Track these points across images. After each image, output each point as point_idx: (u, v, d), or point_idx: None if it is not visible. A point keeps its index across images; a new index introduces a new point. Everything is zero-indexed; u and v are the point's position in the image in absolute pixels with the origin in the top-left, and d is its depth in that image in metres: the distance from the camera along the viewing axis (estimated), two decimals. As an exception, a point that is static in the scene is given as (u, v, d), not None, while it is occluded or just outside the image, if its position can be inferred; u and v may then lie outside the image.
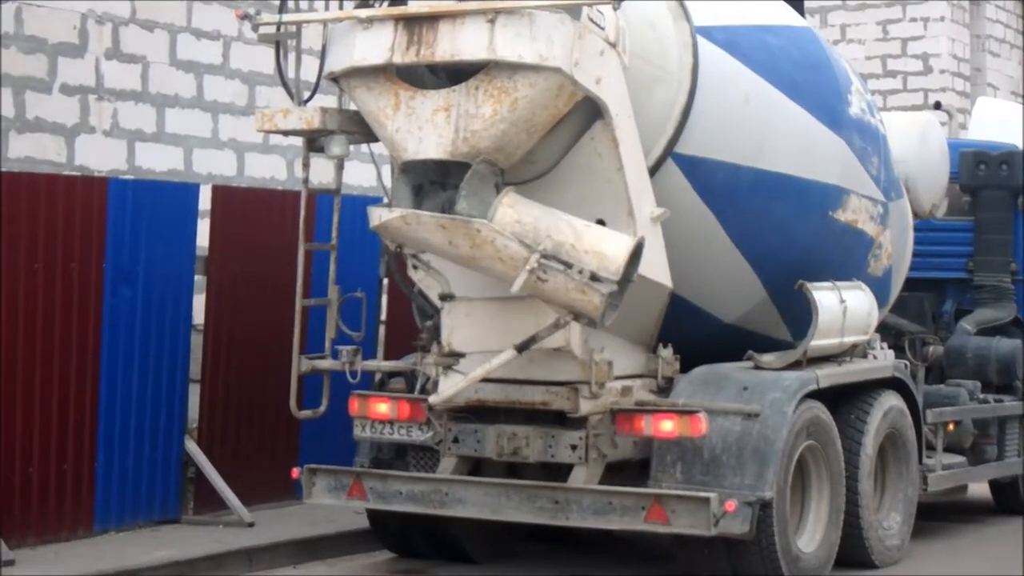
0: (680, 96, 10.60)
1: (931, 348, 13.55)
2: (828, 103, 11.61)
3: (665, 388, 10.79)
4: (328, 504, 11.10)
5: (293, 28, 10.58)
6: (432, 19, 9.59)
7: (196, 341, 12.46)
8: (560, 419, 10.47)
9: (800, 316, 11.30)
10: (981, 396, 13.83)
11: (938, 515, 13.93)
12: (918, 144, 13.54)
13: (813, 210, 11.47)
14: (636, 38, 10.20)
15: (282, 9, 10.59)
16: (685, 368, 10.91)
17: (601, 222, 9.97)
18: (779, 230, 11.26)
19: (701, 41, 10.74)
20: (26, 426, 11.11)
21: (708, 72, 10.70)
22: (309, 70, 10.58)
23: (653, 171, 10.45)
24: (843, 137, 11.64)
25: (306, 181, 10.92)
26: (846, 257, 11.94)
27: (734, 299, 11.30)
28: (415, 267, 10.65)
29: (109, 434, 11.69)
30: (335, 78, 10.14)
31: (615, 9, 9.68)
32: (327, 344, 10.88)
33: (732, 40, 11.03)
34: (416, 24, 9.64)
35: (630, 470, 10.70)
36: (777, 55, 11.36)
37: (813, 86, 11.51)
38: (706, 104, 10.68)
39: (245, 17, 10.60)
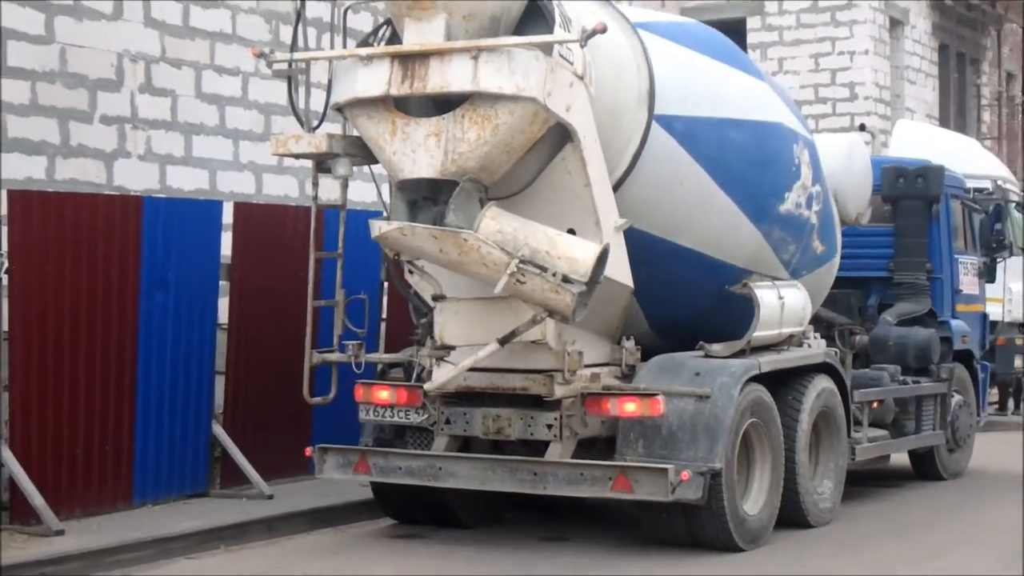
0: (617, 171, 10.57)
1: (858, 337, 13.57)
2: (759, 199, 11.48)
3: (628, 374, 10.81)
4: (337, 478, 11.11)
5: (303, 65, 10.60)
6: (424, 56, 9.61)
7: (221, 338, 12.45)
8: (538, 402, 10.48)
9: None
10: (901, 378, 13.90)
11: (865, 481, 13.99)
12: (846, 161, 13.55)
13: (712, 283, 11.44)
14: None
15: (293, 48, 10.60)
16: (645, 357, 10.96)
17: (572, 231, 9.98)
18: (681, 294, 11.29)
19: (656, 130, 10.68)
20: (72, 413, 11.10)
21: (654, 155, 10.68)
22: (317, 101, 10.60)
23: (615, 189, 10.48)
24: (762, 230, 11.56)
25: (315, 198, 10.94)
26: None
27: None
28: (411, 272, 10.65)
29: (145, 419, 11.68)
30: (340, 108, 10.15)
31: (582, 46, 9.70)
32: (335, 339, 10.89)
33: (690, 132, 10.90)
34: (410, 61, 9.65)
35: (599, 446, 10.72)
36: (729, 150, 11.22)
37: (752, 184, 11.37)
38: (643, 179, 10.67)
39: (261, 55, 10.61)
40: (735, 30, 26.54)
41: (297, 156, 10.72)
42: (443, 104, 9.72)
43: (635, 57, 10.68)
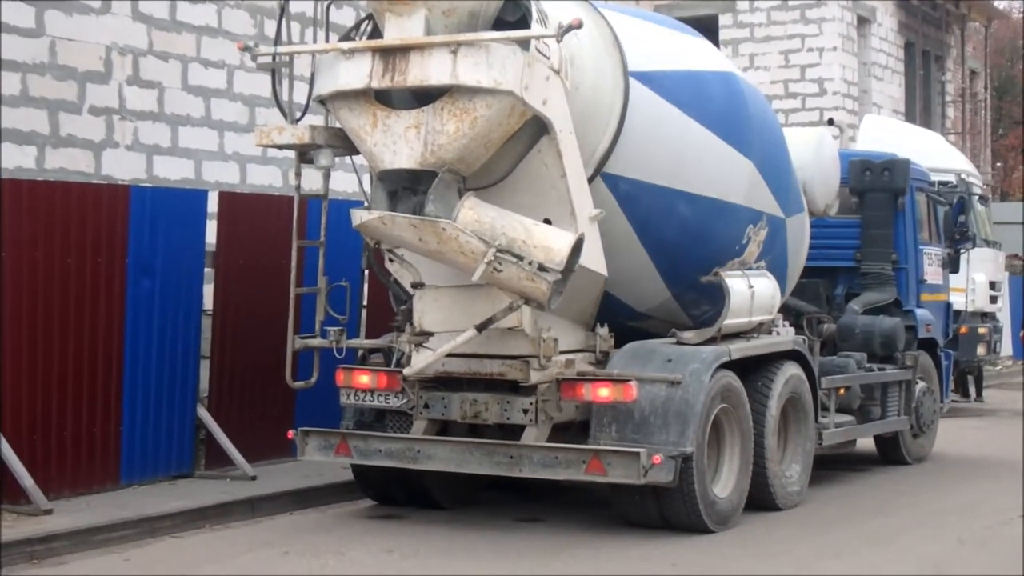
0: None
1: (825, 325, 13.58)
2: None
3: (602, 361, 10.82)
4: (319, 460, 11.10)
5: (286, 58, 10.58)
6: (404, 50, 9.59)
7: (206, 323, 12.43)
8: (514, 387, 10.48)
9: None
10: (867, 366, 13.92)
11: (831, 466, 14.02)
12: (814, 154, 13.58)
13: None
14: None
15: (277, 42, 10.57)
16: (619, 344, 10.96)
17: (548, 221, 9.98)
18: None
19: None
20: (61, 396, 11.08)
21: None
22: (300, 94, 10.57)
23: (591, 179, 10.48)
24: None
25: (298, 188, 10.94)
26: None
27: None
28: (391, 260, 10.65)
29: (132, 402, 11.66)
30: (322, 100, 10.13)
31: (558, 41, 9.69)
32: (317, 325, 10.88)
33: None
34: (390, 54, 9.64)
35: (573, 430, 10.72)
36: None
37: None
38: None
39: (246, 49, 10.58)
40: (707, 27, 26.56)
41: (280, 147, 10.72)
42: (423, 97, 9.71)
43: (606, 43, 10.68)
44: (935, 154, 20.34)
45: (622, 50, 10.68)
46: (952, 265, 16.69)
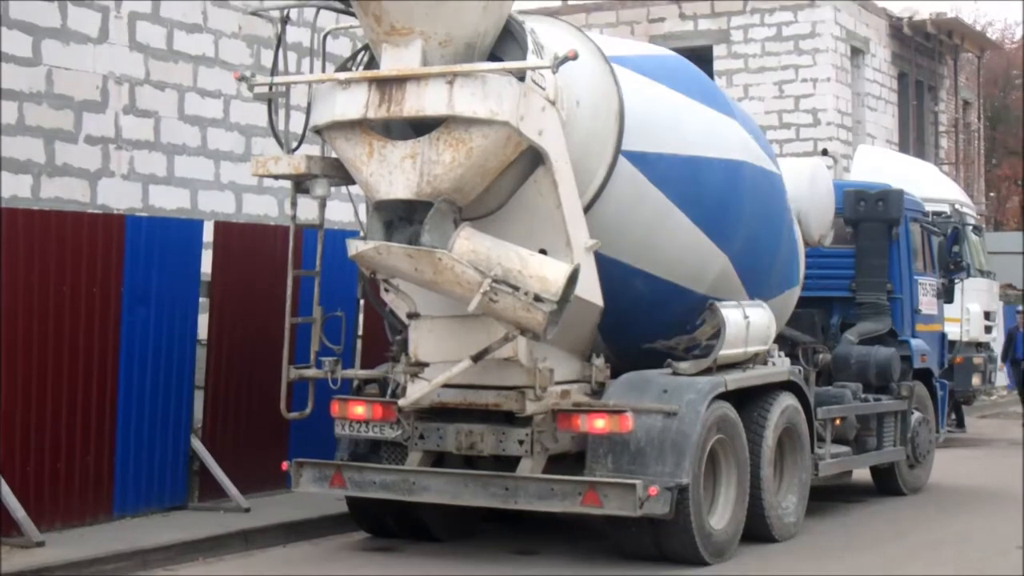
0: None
1: (821, 356, 13.54)
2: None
3: (598, 391, 10.77)
4: (313, 492, 11.02)
5: (283, 88, 10.59)
6: (400, 81, 9.57)
7: (200, 353, 12.38)
8: (509, 418, 10.42)
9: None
10: (863, 396, 13.90)
11: (828, 496, 13.96)
12: (809, 184, 13.59)
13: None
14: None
15: (274, 72, 10.58)
16: (615, 374, 10.90)
17: (543, 251, 9.94)
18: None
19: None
20: (54, 426, 11.02)
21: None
22: (296, 123, 10.57)
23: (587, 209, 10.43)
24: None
25: (294, 218, 10.90)
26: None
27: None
28: (386, 290, 10.60)
29: (126, 433, 11.60)
30: (319, 130, 10.11)
31: (554, 72, 9.67)
32: (312, 355, 10.84)
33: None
34: (387, 85, 9.61)
35: (569, 461, 10.65)
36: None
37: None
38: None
39: (242, 78, 10.56)
40: (702, 57, 26.60)
41: (276, 177, 10.72)
42: (419, 127, 9.68)
43: (605, 82, 10.63)
44: (929, 184, 20.35)
45: (615, 75, 10.61)
46: (947, 295, 16.67)
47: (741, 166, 11.58)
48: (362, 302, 12.34)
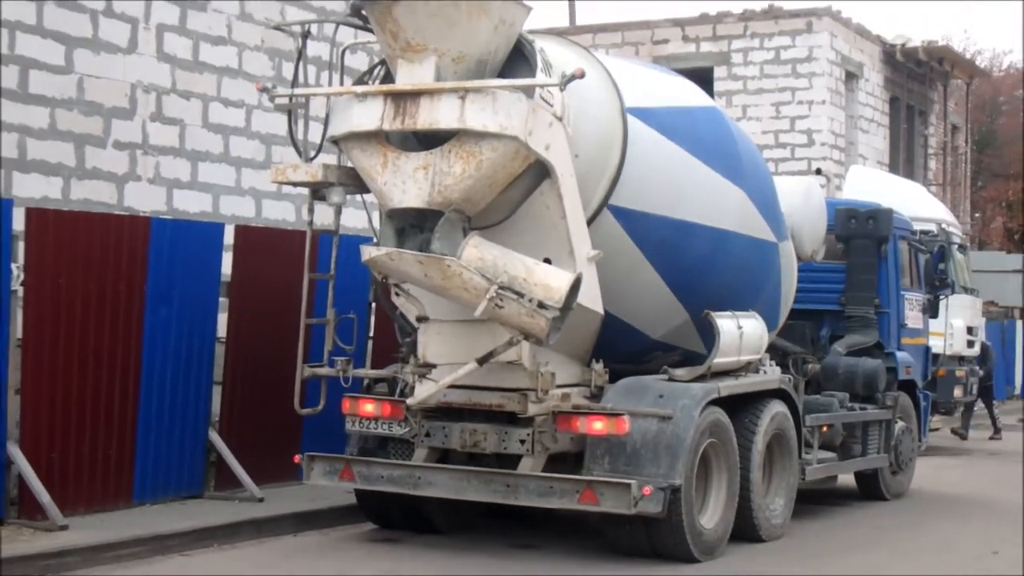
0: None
1: (810, 366, 13.55)
2: None
3: (597, 395, 10.77)
4: (323, 484, 11.03)
5: (302, 99, 10.59)
6: (414, 95, 9.59)
7: (219, 351, 12.40)
8: (512, 418, 10.44)
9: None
10: (849, 405, 13.89)
11: (813, 500, 13.96)
12: (803, 202, 13.58)
13: None
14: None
15: (294, 84, 10.59)
16: (613, 379, 10.92)
17: (548, 260, 9.95)
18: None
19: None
20: (79, 417, 11.05)
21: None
22: (315, 133, 10.57)
23: (590, 221, 10.45)
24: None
25: (311, 223, 10.92)
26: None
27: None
28: (397, 294, 10.63)
29: (147, 425, 11.62)
30: (336, 141, 10.13)
31: (561, 90, 9.70)
32: (325, 355, 10.86)
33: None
34: (401, 99, 9.64)
35: (568, 460, 10.65)
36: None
37: None
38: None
39: (264, 90, 10.60)
40: (703, 78, 26.61)
41: (295, 184, 10.71)
42: (431, 139, 9.70)
43: (608, 93, 10.65)
44: (917, 204, 20.34)
45: (619, 91, 10.62)
46: (932, 310, 16.67)
47: (728, 236, 11.40)
48: (374, 305, 12.39)
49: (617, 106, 10.56)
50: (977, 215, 41.16)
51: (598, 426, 10.24)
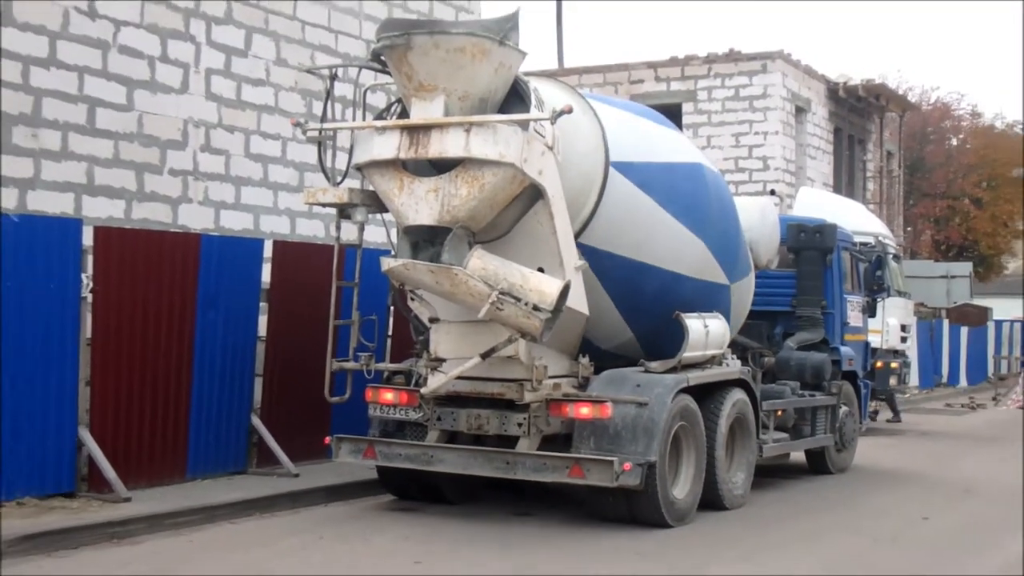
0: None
1: (766, 359, 13.56)
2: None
3: (583, 384, 10.79)
4: (350, 462, 11.05)
5: (330, 133, 10.60)
6: (426, 128, 9.62)
7: (260, 348, 12.41)
8: (511, 405, 10.45)
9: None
10: (800, 392, 13.90)
11: (769, 474, 13.97)
12: (759, 218, 13.58)
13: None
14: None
15: (323, 119, 10.61)
16: (597, 371, 10.94)
17: (541, 270, 9.96)
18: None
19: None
20: (140, 405, 11.08)
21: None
22: (341, 161, 10.59)
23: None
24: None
25: (338, 239, 10.94)
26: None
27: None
28: (412, 299, 10.64)
29: (198, 410, 11.64)
30: (359, 167, 10.15)
31: (552, 123, 9.72)
32: (351, 351, 10.88)
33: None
34: (415, 132, 9.66)
35: (558, 440, 10.68)
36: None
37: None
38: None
39: (297, 124, 10.62)
40: (673, 112, 26.73)
41: (324, 205, 10.72)
42: (441, 166, 9.72)
43: (592, 127, 10.65)
44: (858, 220, 20.33)
45: (607, 147, 10.51)
46: (870, 311, 16.68)
47: (680, 279, 11.34)
48: (392, 308, 12.38)
49: (601, 160, 10.47)
50: (909, 229, 41.11)
51: (585, 411, 10.27)
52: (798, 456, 14.90)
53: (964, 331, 34.65)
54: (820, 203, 20.24)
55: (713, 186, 11.95)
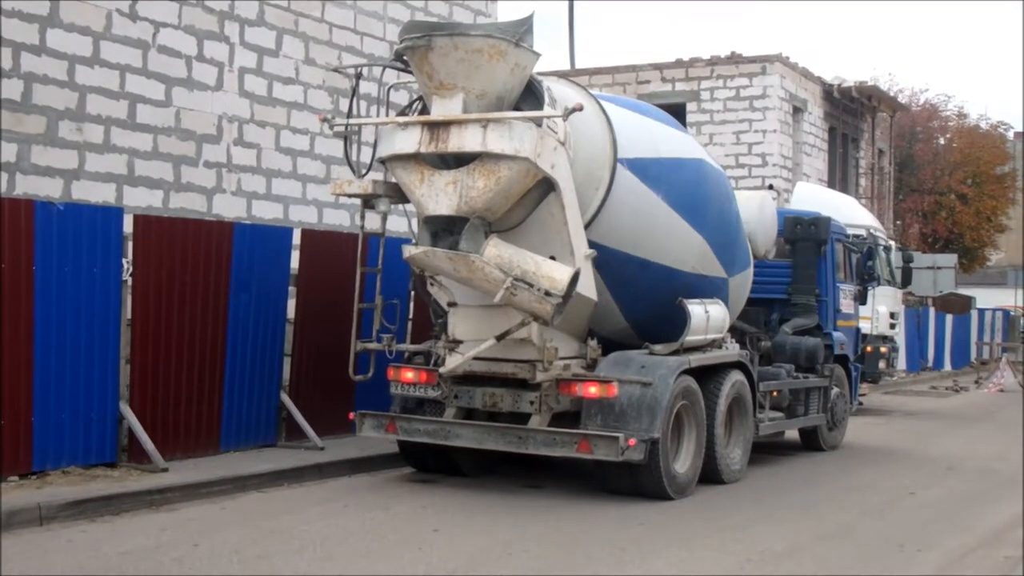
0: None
1: (763, 343, 13.57)
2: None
3: (591, 365, 10.80)
4: (373, 436, 11.09)
5: (355, 128, 10.63)
6: (446, 124, 9.62)
7: (288, 329, 12.44)
8: (523, 384, 10.47)
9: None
10: (794, 375, 13.87)
11: (765, 450, 13.97)
12: (758, 211, 13.57)
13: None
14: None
15: (349, 115, 10.63)
16: (604, 353, 10.93)
17: (552, 258, 9.97)
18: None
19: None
20: (176, 382, 11.12)
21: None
22: (366, 155, 10.61)
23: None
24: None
25: (362, 228, 10.96)
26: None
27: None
28: (432, 284, 10.66)
29: (231, 387, 11.67)
30: (382, 161, 10.16)
31: (564, 120, 9.71)
32: (374, 333, 10.90)
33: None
34: (435, 127, 9.67)
35: (568, 417, 10.70)
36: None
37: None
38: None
39: (325, 120, 10.62)
40: (677, 111, 26.63)
41: (349, 196, 10.74)
42: (459, 160, 9.73)
43: (601, 125, 10.63)
44: (850, 213, 20.26)
45: (616, 146, 10.44)
46: (861, 298, 16.63)
47: (677, 273, 11.28)
48: (413, 293, 12.41)
49: (610, 155, 10.40)
50: (898, 222, 40.96)
51: (593, 390, 10.28)
52: (792, 434, 14.90)
53: (949, 318, 34.55)
54: (815, 197, 20.19)
55: (715, 183, 11.91)
